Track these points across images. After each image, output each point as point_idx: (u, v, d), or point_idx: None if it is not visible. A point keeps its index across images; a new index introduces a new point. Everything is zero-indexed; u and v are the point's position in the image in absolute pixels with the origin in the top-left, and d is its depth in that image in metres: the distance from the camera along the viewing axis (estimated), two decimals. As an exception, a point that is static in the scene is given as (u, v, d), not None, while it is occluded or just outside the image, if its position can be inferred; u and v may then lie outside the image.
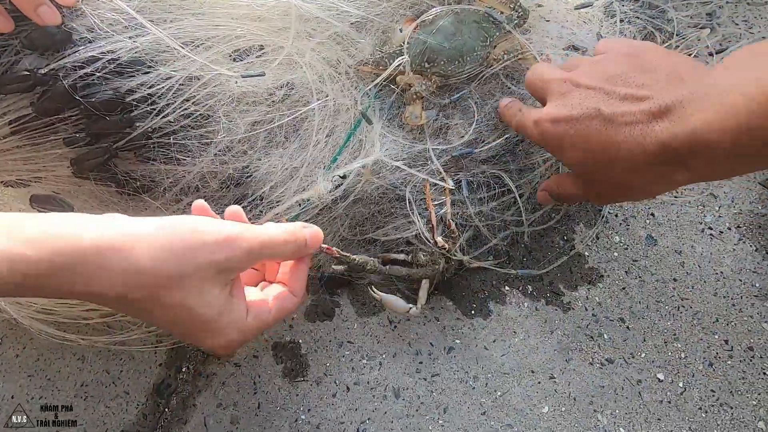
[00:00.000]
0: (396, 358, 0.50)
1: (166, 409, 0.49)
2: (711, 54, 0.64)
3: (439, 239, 0.47)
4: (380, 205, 0.53)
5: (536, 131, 0.37)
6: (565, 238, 0.55)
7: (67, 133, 0.44)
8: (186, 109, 0.46)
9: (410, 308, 0.47)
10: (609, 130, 0.32)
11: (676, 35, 0.65)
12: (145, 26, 0.43)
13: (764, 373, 0.47)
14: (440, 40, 0.54)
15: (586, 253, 0.53)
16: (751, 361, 0.47)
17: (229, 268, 0.30)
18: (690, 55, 0.63)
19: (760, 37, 0.67)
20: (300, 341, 0.51)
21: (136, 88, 0.44)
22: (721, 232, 0.53)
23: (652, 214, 0.55)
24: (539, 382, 0.48)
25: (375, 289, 0.47)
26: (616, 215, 0.55)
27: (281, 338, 0.51)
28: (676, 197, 0.55)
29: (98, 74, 0.42)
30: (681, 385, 0.47)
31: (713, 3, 0.70)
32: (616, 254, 0.53)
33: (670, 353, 0.48)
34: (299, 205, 0.48)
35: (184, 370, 0.51)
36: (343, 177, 0.49)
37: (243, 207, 0.47)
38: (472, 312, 0.51)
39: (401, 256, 0.50)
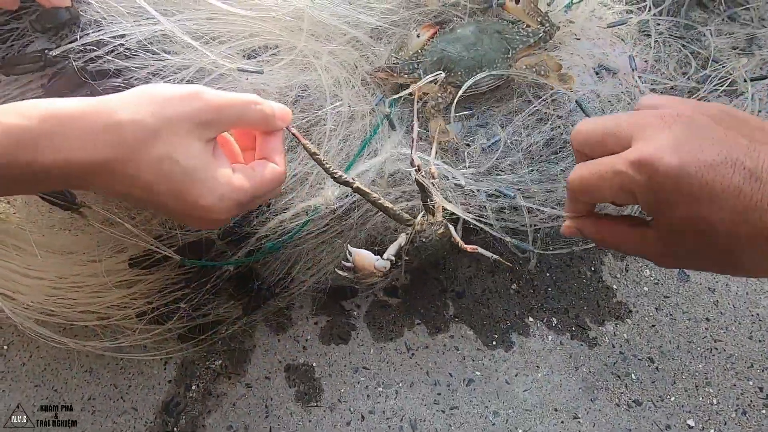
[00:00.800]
0: (413, 387, 0.48)
1: (175, 429, 0.47)
2: (745, 81, 0.61)
3: (415, 157, 0.41)
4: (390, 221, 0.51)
5: (641, 174, 0.26)
6: (593, 268, 0.52)
7: None
8: None
9: (377, 260, 0.40)
10: (751, 187, 0.25)
11: (713, 61, 0.63)
12: (154, 16, 0.43)
13: (800, 425, 0.45)
14: (459, 50, 0.52)
15: (614, 287, 0.51)
16: (786, 411, 0.45)
17: (203, 122, 0.31)
18: (725, 81, 0.61)
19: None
20: (314, 364, 0.49)
21: (145, 78, 0.43)
22: (758, 272, 0.51)
23: (685, 248, 0.52)
24: (562, 422, 0.46)
25: (350, 247, 0.42)
26: (647, 247, 0.53)
27: (294, 360, 0.50)
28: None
29: (107, 57, 0.42)
30: (712, 432, 0.45)
31: (753, 25, 0.67)
32: (646, 289, 0.51)
33: (701, 398, 0.46)
34: (306, 213, 0.46)
35: (194, 388, 0.49)
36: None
37: (249, 214, 0.46)
38: (494, 343, 0.49)
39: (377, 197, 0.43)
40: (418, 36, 0.54)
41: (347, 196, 0.47)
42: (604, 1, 0.67)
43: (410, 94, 0.53)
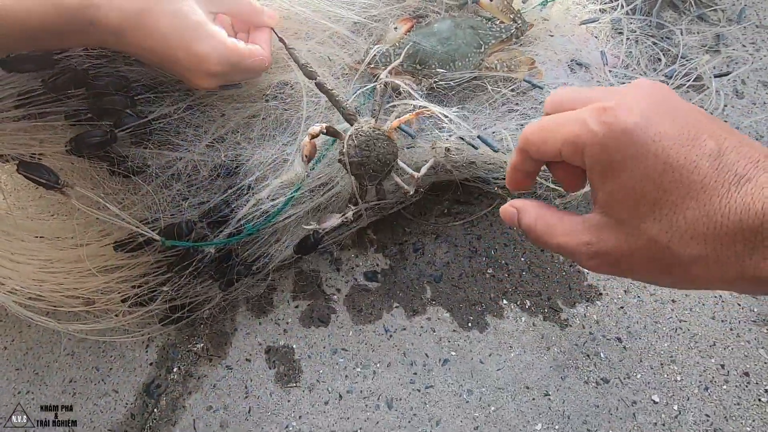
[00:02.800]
0: (390, 367, 0.49)
1: (155, 410, 0.48)
2: (711, 77, 0.64)
3: (384, 75, 0.48)
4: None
5: (599, 124, 0.23)
6: (565, 254, 0.54)
7: (69, 109, 0.45)
8: (184, 100, 0.48)
9: (316, 124, 0.43)
10: (710, 165, 0.22)
11: (681, 58, 0.66)
12: None
13: (759, 400, 0.46)
14: (433, 44, 0.54)
15: (585, 271, 0.53)
16: (746, 387, 0.47)
17: None
18: (692, 76, 0.63)
19: None
20: (294, 346, 0.51)
21: (140, 78, 0.46)
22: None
23: (653, 234, 0.55)
24: (533, 399, 0.47)
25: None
26: (617, 233, 0.55)
27: (275, 342, 0.51)
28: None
29: (108, 57, 0.44)
30: (676, 408, 0.46)
31: (721, 25, 0.70)
32: (615, 273, 0.53)
33: (666, 375, 0.48)
34: (284, 195, 0.47)
35: (175, 370, 0.50)
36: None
37: (229, 195, 0.48)
38: (469, 324, 0.51)
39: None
40: (395, 29, 0.56)
41: (313, 169, 0.48)
42: (577, 0, 0.69)
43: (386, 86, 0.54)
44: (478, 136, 0.48)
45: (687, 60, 0.65)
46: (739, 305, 0.51)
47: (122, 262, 0.49)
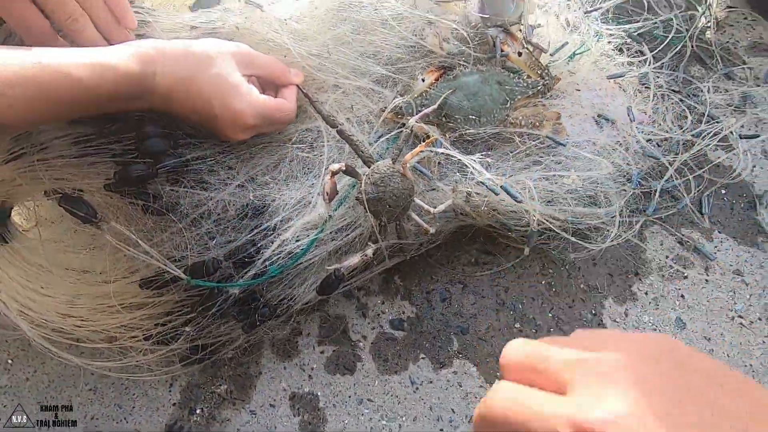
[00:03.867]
0: (416, 422, 0.48)
1: (176, 454, 0.47)
2: (737, 138, 0.65)
3: (413, 120, 0.50)
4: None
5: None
6: (593, 311, 0.54)
7: (115, 151, 0.48)
8: (221, 144, 0.50)
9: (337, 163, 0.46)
10: None
11: (708, 116, 0.66)
12: None
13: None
14: (460, 98, 0.55)
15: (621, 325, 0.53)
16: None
17: (242, 62, 0.47)
18: (719, 136, 0.64)
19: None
20: (319, 393, 0.50)
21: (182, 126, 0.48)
22: (752, 322, 0.53)
23: (683, 296, 0.54)
24: (561, 463, 0.46)
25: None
26: (646, 293, 0.55)
27: (299, 388, 0.50)
28: (707, 280, 0.55)
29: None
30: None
31: (748, 84, 0.71)
32: (644, 334, 0.53)
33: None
34: (308, 236, 0.47)
35: (198, 411, 0.49)
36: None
37: (255, 234, 0.48)
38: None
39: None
40: (422, 80, 0.57)
41: (336, 210, 0.48)
42: (606, 53, 0.70)
43: (408, 128, 0.55)
44: (502, 186, 0.49)
45: (715, 121, 0.65)
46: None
47: (147, 300, 0.49)
